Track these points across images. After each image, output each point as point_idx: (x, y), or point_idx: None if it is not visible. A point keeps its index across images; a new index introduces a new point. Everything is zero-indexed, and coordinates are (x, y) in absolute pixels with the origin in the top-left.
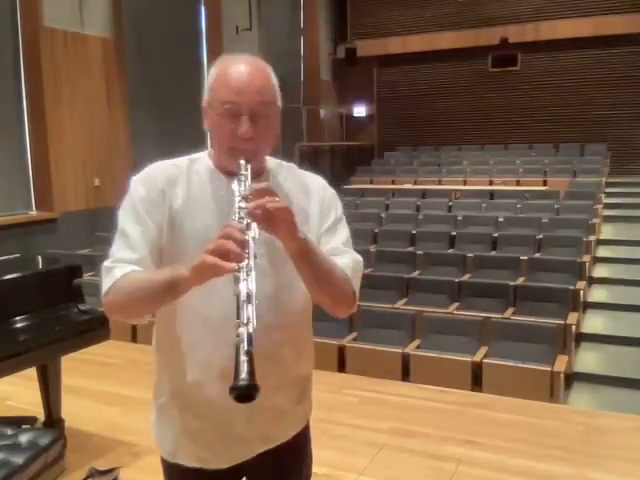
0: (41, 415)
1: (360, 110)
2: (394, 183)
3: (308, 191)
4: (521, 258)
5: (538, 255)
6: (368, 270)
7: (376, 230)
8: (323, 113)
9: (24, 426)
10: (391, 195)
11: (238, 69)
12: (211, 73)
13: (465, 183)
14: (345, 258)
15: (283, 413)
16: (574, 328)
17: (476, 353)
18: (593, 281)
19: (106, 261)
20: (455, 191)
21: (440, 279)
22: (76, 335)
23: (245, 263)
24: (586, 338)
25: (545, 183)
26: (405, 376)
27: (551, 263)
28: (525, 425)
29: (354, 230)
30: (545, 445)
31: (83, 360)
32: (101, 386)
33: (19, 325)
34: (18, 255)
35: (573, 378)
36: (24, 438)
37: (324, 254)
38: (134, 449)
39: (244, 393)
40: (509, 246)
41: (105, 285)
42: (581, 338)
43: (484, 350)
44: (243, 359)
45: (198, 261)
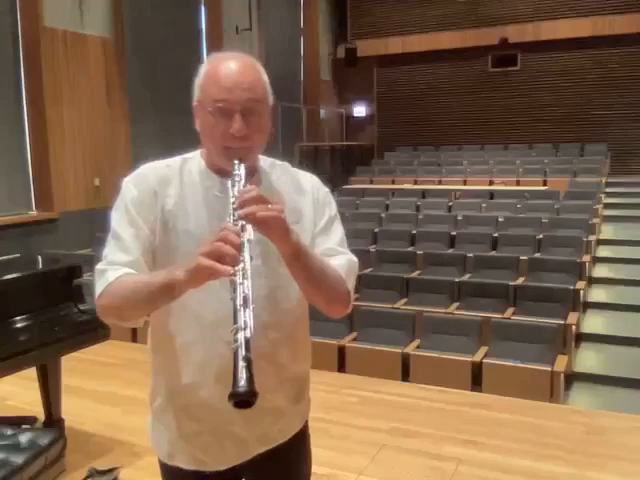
0: (41, 415)
1: (360, 110)
2: (394, 183)
3: (302, 190)
4: (521, 258)
5: (538, 255)
6: (368, 270)
7: (376, 230)
8: (323, 113)
9: (24, 426)
10: (391, 195)
11: (228, 67)
12: (201, 72)
13: (465, 183)
14: (340, 259)
15: (281, 413)
16: (574, 328)
17: (476, 353)
18: (593, 281)
19: (99, 264)
20: (455, 191)
21: (440, 279)
22: (76, 335)
23: (241, 266)
24: (586, 338)
25: (545, 183)
26: (405, 376)
27: (551, 263)
28: (525, 425)
29: (354, 230)
30: (545, 445)
31: (83, 360)
32: (101, 386)
33: (19, 325)
34: (18, 255)
35: (573, 378)
36: (24, 438)
37: (317, 256)
38: (134, 449)
39: (243, 399)
40: (509, 246)
41: (98, 288)
42: (581, 338)
43: (484, 350)
44: (241, 365)
45: (194, 264)
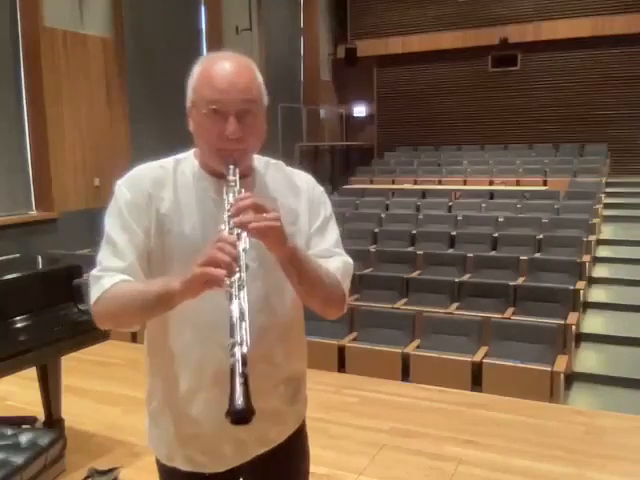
0: (41, 415)
1: (360, 110)
2: (394, 183)
3: (297, 190)
4: (521, 258)
5: (538, 255)
6: (368, 270)
7: (376, 230)
8: (323, 113)
9: (24, 426)
10: (391, 195)
11: (222, 67)
12: (194, 72)
13: (465, 183)
14: (336, 261)
15: (279, 414)
16: (574, 328)
17: (476, 353)
18: (593, 281)
19: (94, 270)
20: (455, 191)
21: (440, 279)
22: (76, 335)
23: (237, 277)
24: (586, 338)
25: (545, 183)
26: (405, 376)
27: (551, 263)
28: (525, 425)
29: (354, 230)
30: (545, 445)
31: (83, 360)
32: (101, 386)
33: (19, 325)
34: (18, 255)
35: (573, 378)
36: (24, 438)
37: (313, 260)
38: (134, 449)
39: (240, 418)
40: (509, 246)
41: (93, 295)
42: (581, 338)
43: (484, 350)
44: (239, 382)
45: (190, 274)
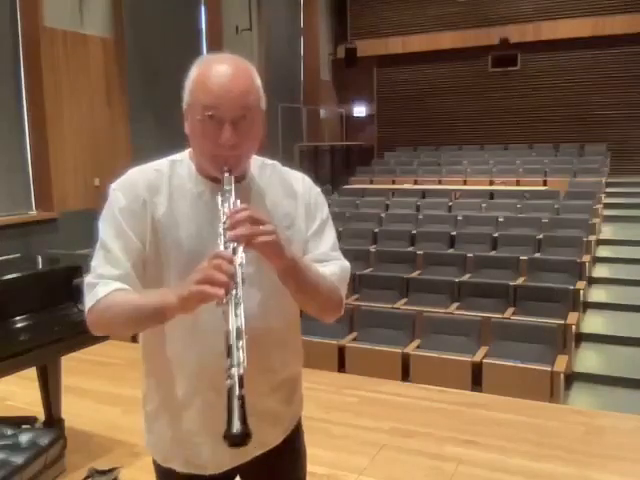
0: (41, 415)
1: (360, 110)
2: (394, 183)
3: (293, 193)
4: (521, 258)
5: (538, 255)
6: (368, 270)
7: (376, 230)
8: (323, 113)
9: (24, 426)
10: (391, 195)
11: (219, 71)
12: (191, 74)
13: (465, 183)
14: (333, 266)
15: (276, 416)
16: (574, 328)
17: (476, 353)
18: (593, 281)
19: (88, 276)
20: (455, 191)
21: (440, 279)
22: (76, 335)
23: (234, 293)
24: (586, 338)
25: (545, 183)
26: (405, 376)
27: (551, 263)
28: (525, 425)
29: (354, 230)
30: (545, 445)
31: (83, 360)
32: (101, 386)
33: (19, 325)
34: (18, 255)
35: (573, 378)
36: (24, 438)
37: (311, 267)
38: (134, 449)
39: (238, 442)
40: (509, 246)
41: (88, 303)
42: (581, 338)
43: (484, 350)
44: (236, 405)
45: (187, 291)
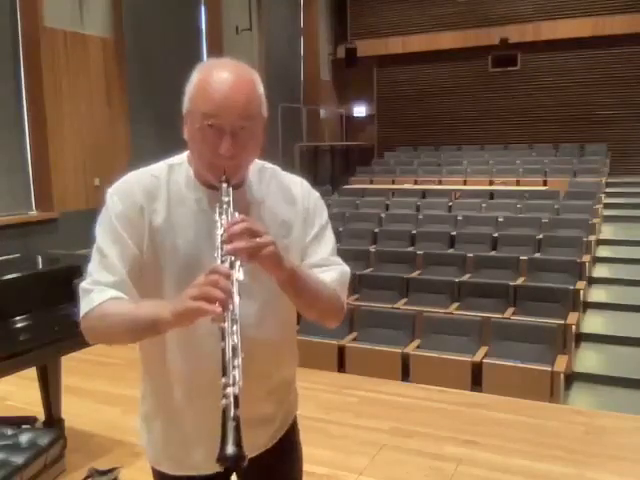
0: (41, 415)
1: (360, 110)
2: (394, 183)
3: (292, 199)
4: (521, 258)
5: (538, 255)
6: (368, 270)
7: (376, 230)
8: (323, 113)
9: (24, 426)
10: (391, 195)
11: (220, 78)
12: (192, 80)
13: (465, 183)
14: (333, 272)
15: (269, 418)
16: (574, 328)
17: (476, 353)
18: (593, 281)
19: (84, 282)
20: (455, 191)
21: (440, 279)
22: (76, 335)
23: (230, 309)
24: (586, 338)
25: (545, 183)
26: (405, 376)
27: (551, 263)
28: (525, 425)
29: (354, 230)
30: (545, 445)
31: (83, 360)
32: (101, 386)
33: (19, 325)
34: (18, 255)
35: (573, 378)
36: (24, 438)
37: (310, 275)
38: (134, 449)
39: (231, 464)
40: (509, 246)
41: (83, 309)
42: (581, 338)
43: (484, 350)
44: (230, 426)
45: (183, 307)
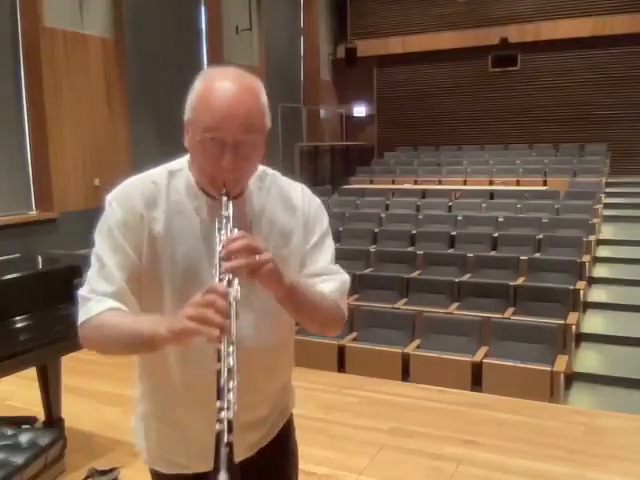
0: (41, 415)
1: (360, 110)
2: (394, 183)
3: (292, 208)
4: (521, 258)
5: (538, 255)
6: (368, 270)
7: (376, 230)
8: (323, 113)
9: (24, 426)
10: (391, 195)
11: (223, 90)
12: (194, 88)
13: (465, 183)
14: (333, 282)
15: (266, 421)
16: (574, 328)
17: (476, 353)
18: (593, 281)
19: (82, 289)
20: (455, 191)
21: (440, 279)
22: (76, 335)
23: (227, 328)
24: (586, 338)
25: (545, 183)
26: (405, 376)
27: (551, 263)
28: (525, 425)
29: (354, 230)
30: (545, 445)
31: (83, 360)
32: (101, 386)
33: (19, 325)
34: (18, 255)
35: (573, 378)
36: (24, 438)
37: (310, 289)
38: (134, 449)
39: None
40: (509, 246)
41: (80, 317)
42: (581, 338)
43: (484, 350)
44: (223, 452)
45: (180, 327)
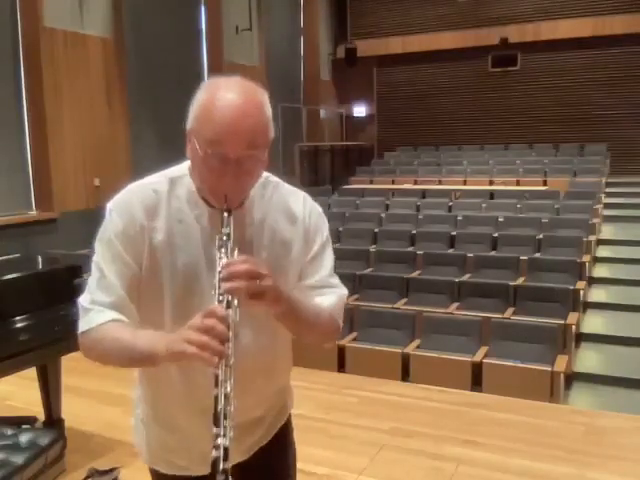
0: (41, 415)
1: (360, 110)
2: (394, 183)
3: (293, 218)
4: (521, 258)
5: (538, 255)
6: (368, 270)
7: (376, 230)
8: (323, 113)
9: (24, 426)
10: (391, 195)
11: (227, 102)
12: (198, 98)
13: (465, 183)
14: (331, 296)
15: (263, 422)
16: (574, 328)
17: (476, 353)
18: (593, 281)
19: (83, 297)
20: (455, 191)
21: (440, 279)
22: (76, 335)
23: (226, 352)
24: (586, 338)
25: (545, 183)
26: (405, 376)
27: (551, 263)
28: (525, 425)
29: (354, 230)
30: (545, 445)
31: (83, 360)
32: (101, 386)
33: (19, 325)
34: (18, 255)
35: (573, 378)
36: (24, 438)
37: (308, 306)
38: (134, 449)
39: None
40: (509, 246)
41: (81, 327)
42: (581, 338)
43: (484, 350)
44: (219, 479)
45: (178, 348)
